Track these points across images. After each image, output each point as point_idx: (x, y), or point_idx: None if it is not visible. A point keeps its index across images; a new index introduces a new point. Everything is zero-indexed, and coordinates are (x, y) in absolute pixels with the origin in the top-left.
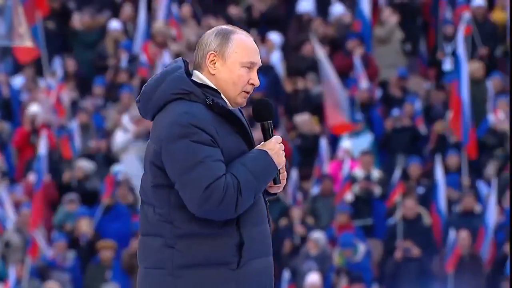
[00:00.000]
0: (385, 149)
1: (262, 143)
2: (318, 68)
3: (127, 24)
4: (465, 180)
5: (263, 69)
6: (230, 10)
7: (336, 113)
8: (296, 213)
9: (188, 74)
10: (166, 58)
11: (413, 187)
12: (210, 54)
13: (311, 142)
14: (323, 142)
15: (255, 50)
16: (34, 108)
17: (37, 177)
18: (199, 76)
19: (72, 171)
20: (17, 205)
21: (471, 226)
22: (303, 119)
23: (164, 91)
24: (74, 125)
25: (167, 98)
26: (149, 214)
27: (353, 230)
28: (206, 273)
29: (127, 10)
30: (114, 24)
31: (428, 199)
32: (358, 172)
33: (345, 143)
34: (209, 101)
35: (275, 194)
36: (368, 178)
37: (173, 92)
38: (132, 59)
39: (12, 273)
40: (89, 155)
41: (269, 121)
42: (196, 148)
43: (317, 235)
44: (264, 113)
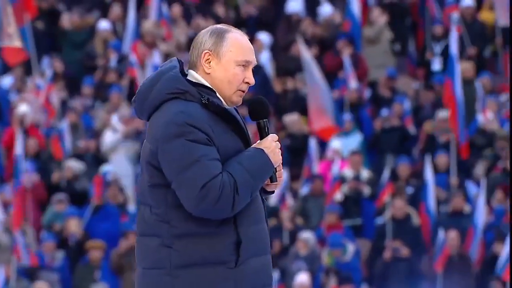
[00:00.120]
0: (374, 149)
1: (258, 142)
2: (304, 69)
3: (116, 24)
4: (454, 180)
5: (252, 69)
6: (219, 10)
7: (321, 116)
8: (285, 213)
9: (183, 74)
10: (156, 58)
11: (402, 187)
12: (205, 53)
13: (301, 142)
14: (313, 142)
15: (250, 49)
16: (23, 108)
17: (16, 178)
18: (194, 76)
19: (61, 171)
20: (6, 205)
21: (460, 226)
22: (292, 119)
23: (160, 91)
24: (64, 125)
25: (163, 98)
26: (146, 215)
27: (342, 230)
28: (204, 273)
29: (116, 10)
30: (103, 24)
31: (417, 199)
32: (347, 172)
33: (334, 143)
34: (205, 100)
35: (272, 192)
36: (357, 178)
37: (169, 92)
38: (121, 59)
39: (1, 273)
40: (78, 155)
41: (265, 120)
42: (192, 147)
43: (306, 235)
44: (260, 112)
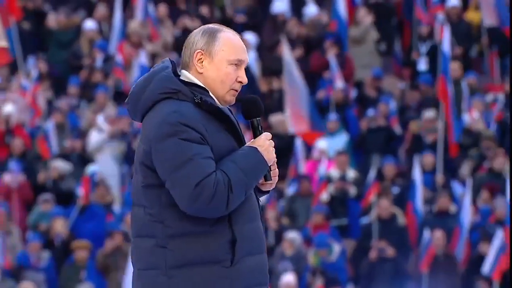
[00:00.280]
0: (360, 149)
1: (252, 140)
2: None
3: (102, 24)
4: (440, 180)
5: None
6: (204, 10)
7: (299, 120)
8: (271, 213)
9: (176, 74)
10: (142, 58)
11: (388, 187)
12: (197, 53)
13: (286, 142)
14: (298, 142)
15: (242, 48)
16: (9, 108)
17: None
18: (187, 75)
19: (47, 171)
20: None
21: (446, 226)
22: (278, 119)
23: (152, 91)
24: (50, 125)
25: (155, 98)
26: (140, 215)
27: (328, 230)
28: (199, 272)
29: (102, 10)
30: (89, 24)
31: (403, 199)
32: (333, 172)
33: (321, 143)
34: (198, 99)
35: (268, 192)
36: (343, 178)
37: (161, 92)
38: (107, 59)
39: None
40: (64, 155)
41: (258, 118)
42: (185, 146)
43: (292, 235)
44: (253, 111)
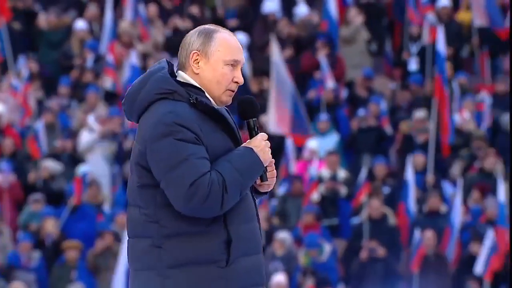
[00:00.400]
0: (351, 149)
1: (248, 141)
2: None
3: (93, 24)
4: (430, 180)
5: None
6: (195, 10)
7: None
8: (261, 213)
9: (173, 75)
10: (133, 58)
11: (379, 187)
12: (193, 53)
13: (277, 142)
14: (289, 142)
15: (239, 49)
16: None
17: None
18: (183, 76)
19: (38, 171)
20: None
21: (437, 226)
22: (269, 119)
23: (148, 92)
24: (40, 125)
25: (151, 99)
26: (136, 216)
27: (319, 230)
28: (195, 272)
29: (92, 10)
30: (80, 24)
31: (394, 199)
32: (324, 172)
33: (311, 143)
34: (193, 100)
35: (266, 193)
36: (334, 178)
37: (157, 92)
38: (98, 59)
39: None
40: (55, 155)
41: (254, 119)
42: (180, 146)
43: (283, 235)
44: (249, 111)
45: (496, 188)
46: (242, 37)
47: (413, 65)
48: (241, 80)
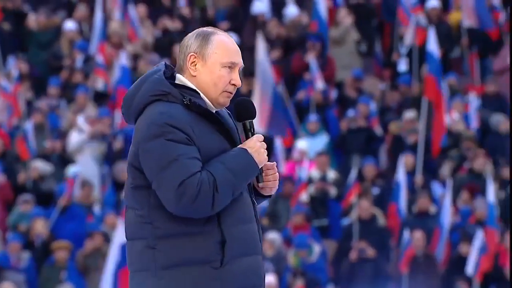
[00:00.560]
0: (341, 150)
1: (244, 142)
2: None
3: (83, 25)
4: (419, 181)
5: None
6: (185, 11)
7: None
8: None
9: (173, 78)
10: (123, 59)
11: (368, 188)
12: (191, 56)
13: (266, 143)
14: (278, 143)
15: (236, 51)
16: None
17: None
18: (181, 79)
19: (27, 172)
20: None
21: (426, 227)
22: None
23: (143, 95)
24: (29, 126)
25: (146, 101)
26: (131, 218)
27: (309, 231)
28: (189, 273)
29: (82, 10)
30: (69, 25)
31: (384, 200)
32: (314, 173)
33: (301, 144)
34: (187, 101)
35: (269, 196)
36: (324, 179)
37: (152, 94)
38: (87, 60)
39: None
40: (44, 156)
41: (250, 120)
42: (171, 147)
43: (273, 236)
44: (245, 113)
45: (486, 189)
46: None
47: (403, 66)
48: (239, 83)
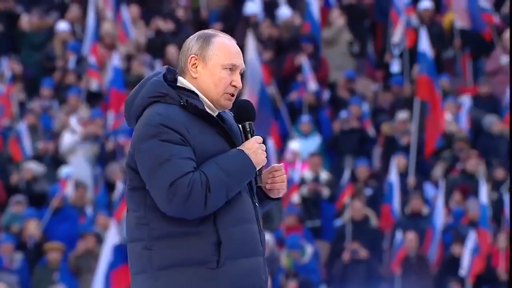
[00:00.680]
0: (333, 151)
1: (242, 144)
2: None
3: (75, 26)
4: (412, 182)
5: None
6: (178, 12)
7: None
8: None
9: (175, 81)
10: (115, 60)
11: (361, 189)
12: (191, 58)
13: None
14: (270, 144)
15: (237, 53)
16: None
17: None
18: (182, 81)
19: (20, 173)
20: None
21: (419, 228)
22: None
23: (142, 97)
24: (22, 127)
25: (145, 103)
26: (130, 219)
27: (301, 232)
28: (185, 274)
29: (75, 11)
30: (62, 26)
31: (376, 201)
32: (307, 174)
33: (293, 145)
34: (183, 102)
35: (278, 199)
36: (317, 180)
37: (150, 96)
38: (80, 61)
39: None
40: (37, 157)
41: (250, 122)
42: (164, 147)
43: (265, 237)
44: (244, 114)
45: (478, 190)
46: None
47: (395, 67)
48: (240, 84)
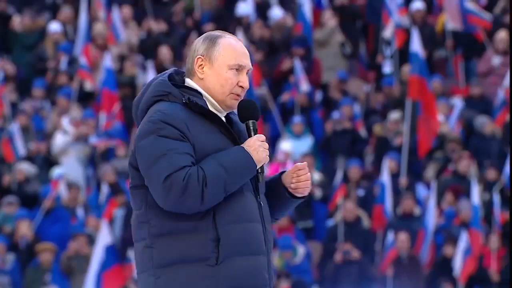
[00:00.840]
0: (326, 152)
1: (245, 142)
2: None
3: (67, 26)
4: (404, 183)
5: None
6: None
7: None
8: None
9: (183, 82)
10: (107, 61)
11: (353, 190)
12: (198, 59)
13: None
14: None
15: (243, 53)
16: None
17: None
18: (189, 82)
19: (12, 174)
20: None
21: (410, 229)
22: None
23: (147, 96)
24: (15, 128)
25: (149, 102)
26: (134, 219)
27: (293, 233)
28: (184, 271)
29: (66, 12)
30: (54, 26)
31: (369, 202)
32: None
33: (285, 145)
34: (185, 100)
35: (303, 198)
36: None
37: (154, 95)
38: (72, 61)
39: None
40: (29, 158)
41: (253, 121)
42: (162, 142)
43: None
44: (248, 113)
45: (470, 191)
46: None
47: (387, 68)
48: (246, 85)
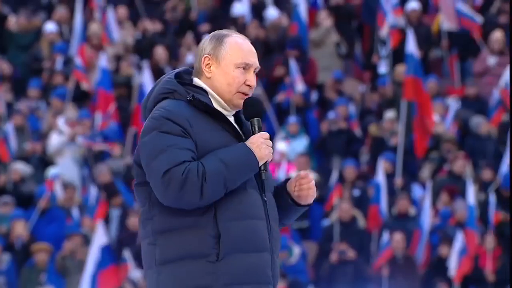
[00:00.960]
0: (321, 152)
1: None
2: None
3: (63, 26)
4: (399, 183)
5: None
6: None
7: None
8: None
9: (191, 81)
10: (103, 61)
11: (349, 190)
12: (205, 58)
13: None
14: None
15: (251, 52)
16: None
17: None
18: (196, 81)
19: (7, 174)
20: None
21: (406, 229)
22: None
23: (154, 95)
24: (10, 128)
25: (156, 100)
26: (140, 217)
27: (288, 233)
28: (185, 267)
29: (62, 12)
30: (50, 26)
31: (364, 202)
32: (293, 175)
33: (281, 146)
34: (190, 97)
35: (308, 206)
36: None
37: (160, 93)
38: (67, 62)
39: None
40: (25, 158)
41: (258, 119)
42: (163, 138)
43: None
44: (253, 111)
45: (465, 191)
46: None
47: (383, 68)
48: (254, 83)
